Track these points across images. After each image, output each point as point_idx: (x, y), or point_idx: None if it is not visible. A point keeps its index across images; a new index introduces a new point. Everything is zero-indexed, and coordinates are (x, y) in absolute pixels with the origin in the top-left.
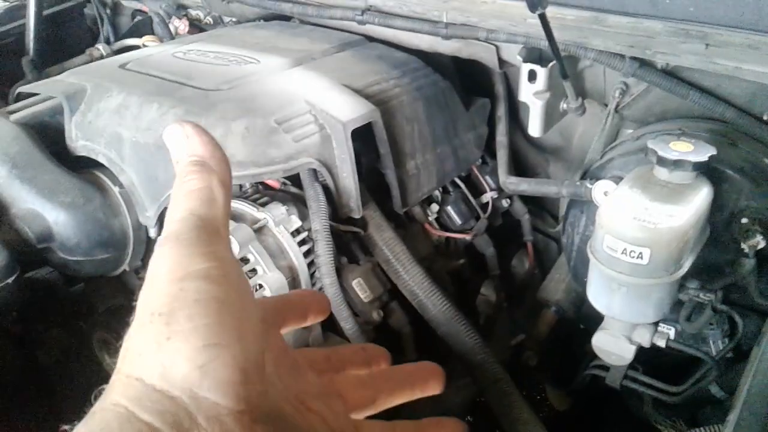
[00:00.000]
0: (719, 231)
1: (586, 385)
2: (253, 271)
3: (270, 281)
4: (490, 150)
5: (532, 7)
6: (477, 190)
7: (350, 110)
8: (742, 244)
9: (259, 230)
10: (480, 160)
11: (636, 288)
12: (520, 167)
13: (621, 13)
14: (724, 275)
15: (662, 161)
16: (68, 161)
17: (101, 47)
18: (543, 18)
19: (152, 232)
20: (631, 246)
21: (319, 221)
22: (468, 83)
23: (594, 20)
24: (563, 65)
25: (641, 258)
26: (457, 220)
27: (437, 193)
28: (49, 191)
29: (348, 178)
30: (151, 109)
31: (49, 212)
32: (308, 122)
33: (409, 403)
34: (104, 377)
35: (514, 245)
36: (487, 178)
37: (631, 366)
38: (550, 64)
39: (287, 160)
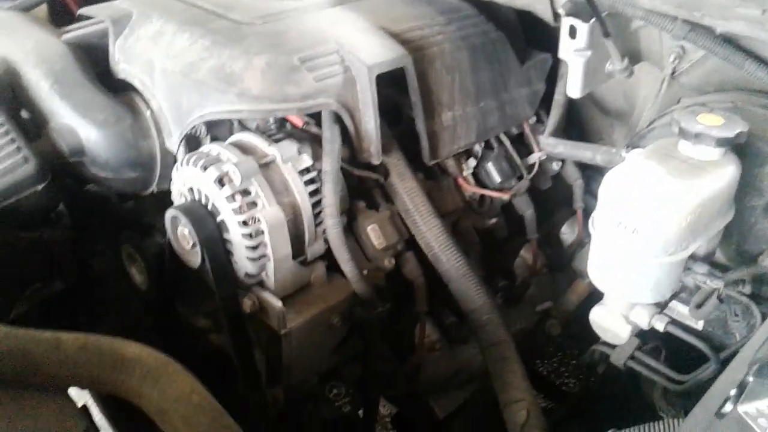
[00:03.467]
0: (756, 218)
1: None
2: (253, 204)
3: (268, 216)
4: (549, 108)
5: None
6: (528, 150)
7: (379, 54)
8: None
9: (266, 165)
10: (534, 118)
11: (631, 264)
12: (584, 131)
13: None
14: (752, 265)
15: (684, 133)
16: (114, 83)
17: None
18: None
19: (178, 157)
20: (627, 219)
21: (330, 162)
22: (536, 37)
23: None
24: (603, 23)
25: (636, 233)
26: (496, 178)
27: (478, 148)
28: (84, 108)
29: (369, 123)
30: (183, 37)
31: (82, 128)
32: (333, 63)
33: (427, 364)
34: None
35: (569, 211)
36: (539, 138)
37: (654, 351)
38: (593, 20)
39: (304, 99)
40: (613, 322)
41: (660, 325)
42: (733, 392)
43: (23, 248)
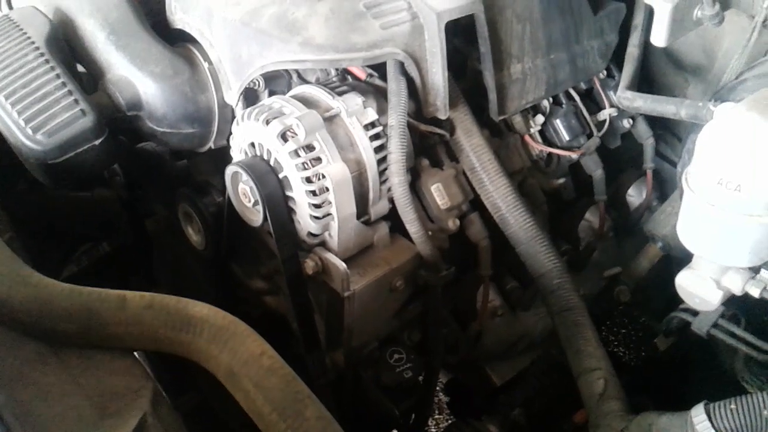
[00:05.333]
0: None
1: (678, 329)
2: (317, 159)
3: (332, 172)
4: (619, 62)
5: None
6: (597, 106)
7: (448, 0)
8: None
9: (330, 119)
10: (605, 73)
11: (730, 224)
12: (655, 86)
13: None
14: None
15: None
16: (169, 34)
17: None
18: None
19: (237, 111)
20: (729, 176)
21: (396, 117)
22: None
23: None
24: None
25: (739, 190)
26: (565, 136)
27: (546, 103)
28: (141, 60)
29: (437, 75)
30: None
31: (139, 80)
32: (400, 9)
33: (489, 330)
34: (190, 249)
35: (636, 172)
36: (610, 93)
37: (732, 318)
38: None
39: (370, 48)
40: (703, 287)
41: (755, 291)
42: None
43: (74, 208)
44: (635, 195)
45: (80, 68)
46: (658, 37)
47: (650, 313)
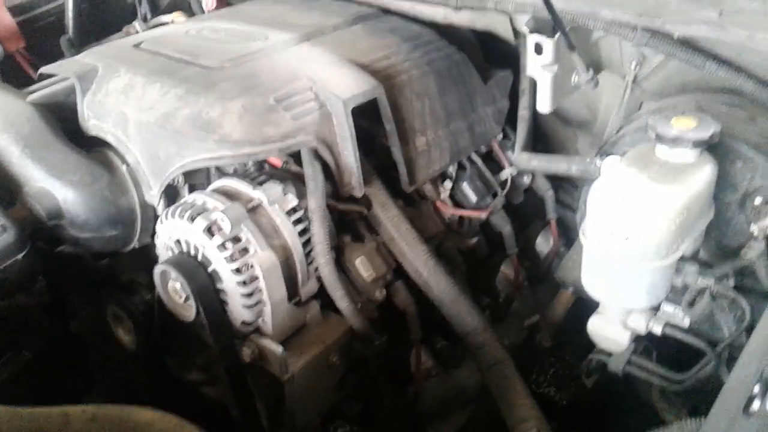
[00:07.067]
0: (732, 213)
1: (598, 368)
2: (245, 250)
3: (261, 260)
4: (514, 124)
5: None
6: (498, 166)
7: (352, 87)
8: (752, 225)
9: (253, 209)
10: (501, 135)
11: (626, 272)
12: (548, 142)
13: None
14: (734, 259)
15: (661, 138)
16: (84, 140)
17: (137, 25)
18: None
19: (159, 210)
20: (619, 228)
21: (316, 200)
22: (493, 55)
23: None
24: (568, 37)
25: (629, 240)
26: (472, 198)
27: (452, 169)
28: (58, 170)
29: (349, 156)
30: (153, 89)
31: (58, 191)
32: (309, 100)
33: (425, 391)
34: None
35: (541, 223)
36: (509, 153)
37: (645, 351)
38: (557, 36)
39: (284, 138)
40: (612, 331)
41: (658, 329)
42: (757, 389)
43: None
44: (543, 243)
45: None
46: (543, 105)
47: (573, 353)
